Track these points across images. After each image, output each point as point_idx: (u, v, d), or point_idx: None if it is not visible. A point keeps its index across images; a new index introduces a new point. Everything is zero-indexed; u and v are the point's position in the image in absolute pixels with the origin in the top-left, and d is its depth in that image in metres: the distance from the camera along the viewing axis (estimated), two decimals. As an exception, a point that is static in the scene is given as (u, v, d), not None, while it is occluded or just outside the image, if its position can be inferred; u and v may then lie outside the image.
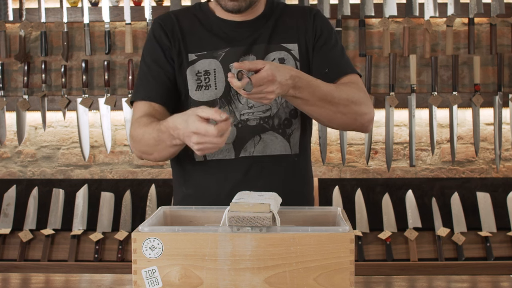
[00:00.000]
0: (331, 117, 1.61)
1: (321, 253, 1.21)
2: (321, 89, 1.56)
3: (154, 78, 1.68)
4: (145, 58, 1.72)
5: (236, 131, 1.67)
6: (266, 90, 1.43)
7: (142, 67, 1.72)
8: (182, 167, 1.76)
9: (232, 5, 1.63)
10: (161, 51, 1.69)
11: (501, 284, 1.42)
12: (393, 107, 3.23)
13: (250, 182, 1.67)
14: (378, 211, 3.16)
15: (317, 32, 1.72)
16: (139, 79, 1.72)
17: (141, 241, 1.22)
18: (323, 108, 1.58)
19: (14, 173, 3.40)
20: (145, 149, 1.62)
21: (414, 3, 3.20)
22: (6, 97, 3.29)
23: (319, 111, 1.59)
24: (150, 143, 1.58)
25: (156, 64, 1.69)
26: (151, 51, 1.71)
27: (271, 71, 1.42)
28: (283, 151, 1.70)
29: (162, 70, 1.68)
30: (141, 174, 3.38)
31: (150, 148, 1.59)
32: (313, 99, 1.55)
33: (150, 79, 1.69)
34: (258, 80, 1.41)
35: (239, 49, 1.68)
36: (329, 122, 1.64)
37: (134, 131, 1.64)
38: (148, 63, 1.71)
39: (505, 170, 3.34)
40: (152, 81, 1.68)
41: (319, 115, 1.61)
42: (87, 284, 1.44)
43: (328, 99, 1.57)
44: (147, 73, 1.70)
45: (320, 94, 1.55)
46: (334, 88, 1.59)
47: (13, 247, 3.14)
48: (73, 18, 3.26)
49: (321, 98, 1.56)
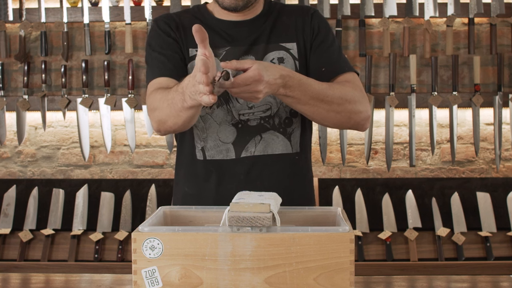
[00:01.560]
0: (324, 115, 1.61)
1: (321, 253, 1.21)
2: (313, 88, 1.56)
3: (168, 60, 1.67)
4: (155, 48, 1.70)
5: (236, 131, 1.67)
6: (253, 89, 1.42)
7: (152, 54, 1.70)
8: (183, 166, 1.76)
9: (229, 2, 1.64)
10: (172, 40, 1.69)
11: (501, 284, 1.42)
12: (393, 107, 3.23)
13: (252, 181, 1.67)
14: (378, 211, 3.16)
15: (315, 31, 1.72)
16: (151, 64, 1.70)
17: (141, 241, 1.22)
18: (316, 107, 1.58)
19: (14, 173, 3.40)
20: (161, 117, 1.58)
21: (414, 3, 3.20)
22: (6, 97, 3.29)
23: (312, 110, 1.58)
24: (165, 108, 1.54)
25: (168, 49, 1.68)
26: (160, 41, 1.70)
27: (258, 71, 1.40)
28: (284, 150, 1.70)
29: (176, 54, 1.67)
30: (141, 174, 3.38)
31: (165, 114, 1.55)
32: (305, 98, 1.55)
33: (164, 60, 1.67)
34: (244, 79, 1.39)
35: (240, 48, 1.68)
36: (323, 121, 1.64)
37: (151, 102, 1.61)
38: (159, 50, 1.69)
39: (505, 170, 3.34)
40: (166, 62, 1.67)
41: (313, 114, 1.60)
42: (87, 284, 1.43)
43: (320, 98, 1.56)
44: (159, 57, 1.68)
45: (312, 93, 1.55)
46: (327, 87, 1.59)
47: (13, 247, 3.14)
48: (73, 18, 3.26)
49: (313, 97, 1.55)
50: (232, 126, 1.67)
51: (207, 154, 1.70)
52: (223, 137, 1.68)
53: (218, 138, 1.68)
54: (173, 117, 1.53)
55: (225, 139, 1.68)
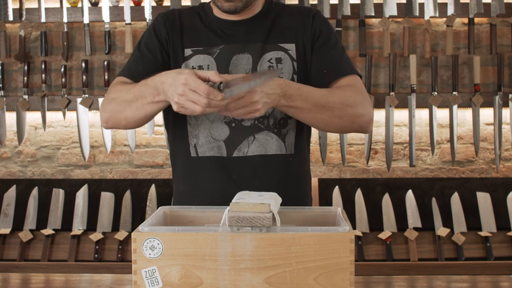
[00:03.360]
0: (327, 122, 1.60)
1: (321, 253, 1.21)
2: (314, 95, 1.55)
3: (142, 62, 1.71)
4: (140, 45, 1.75)
5: (229, 130, 1.67)
6: (248, 101, 1.42)
7: (134, 51, 1.76)
8: (178, 165, 1.76)
9: (228, 6, 1.64)
10: (157, 42, 1.72)
11: (501, 284, 1.42)
12: (393, 107, 3.23)
13: (244, 181, 1.66)
14: (378, 211, 3.16)
15: (316, 32, 1.71)
16: (128, 62, 1.75)
17: (141, 241, 1.22)
18: (319, 114, 1.57)
19: (14, 173, 3.40)
20: (118, 108, 1.60)
21: (414, 3, 3.20)
22: (6, 97, 3.29)
23: (315, 118, 1.58)
24: (128, 99, 1.57)
25: (148, 50, 1.72)
26: (147, 40, 1.74)
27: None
28: (278, 151, 1.69)
29: (152, 57, 1.70)
30: (141, 174, 3.38)
31: (124, 105, 1.58)
32: (308, 106, 1.55)
33: (138, 61, 1.71)
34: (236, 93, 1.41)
35: (234, 46, 1.68)
36: (326, 128, 1.64)
37: (111, 92, 1.64)
38: (141, 49, 1.73)
39: (505, 170, 3.34)
40: (139, 63, 1.71)
41: (316, 122, 1.60)
42: (87, 284, 1.43)
43: (322, 104, 1.56)
44: (137, 56, 1.73)
45: (314, 100, 1.55)
46: (327, 93, 1.59)
47: (13, 247, 3.14)
48: (73, 18, 3.26)
49: (315, 104, 1.55)
50: (225, 124, 1.67)
51: (199, 151, 1.69)
52: (215, 134, 1.68)
53: (210, 135, 1.68)
54: (134, 109, 1.56)
55: (217, 136, 1.68)
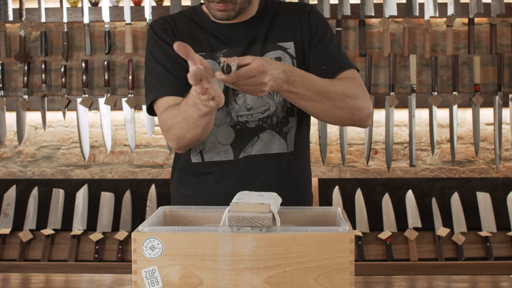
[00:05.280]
0: (327, 111, 1.60)
1: (321, 253, 1.21)
2: (316, 83, 1.55)
3: (172, 75, 1.65)
4: (158, 59, 1.67)
5: (234, 133, 1.67)
6: (258, 81, 1.41)
7: (156, 67, 1.67)
8: (181, 168, 1.76)
9: (221, 15, 1.63)
10: (167, 47, 1.67)
11: (501, 284, 1.42)
12: (393, 107, 3.23)
13: (248, 181, 1.67)
14: (378, 211, 3.16)
15: (313, 29, 1.71)
16: (153, 80, 1.67)
17: (141, 241, 1.22)
18: (319, 103, 1.57)
19: (14, 173, 3.40)
20: (179, 133, 1.57)
21: (414, 3, 3.20)
22: (6, 97, 3.29)
23: (315, 106, 1.58)
24: (181, 123, 1.54)
25: (171, 60, 1.65)
26: (160, 50, 1.68)
27: (262, 62, 1.40)
28: (281, 149, 1.70)
29: (179, 65, 1.64)
30: (141, 174, 3.38)
31: (183, 129, 1.55)
32: (308, 94, 1.55)
33: (168, 76, 1.65)
34: (248, 71, 1.38)
35: (237, 50, 1.67)
36: (325, 117, 1.63)
37: (164, 122, 1.60)
38: (162, 63, 1.66)
39: (505, 170, 3.34)
40: (170, 77, 1.65)
41: (316, 110, 1.60)
42: (87, 284, 1.43)
43: (323, 93, 1.56)
44: (162, 71, 1.65)
45: (315, 88, 1.55)
46: (329, 83, 1.59)
47: (13, 247, 3.14)
48: (73, 18, 3.26)
49: (316, 92, 1.55)
50: (230, 127, 1.67)
51: (206, 156, 1.69)
52: (221, 139, 1.68)
53: (216, 140, 1.68)
54: (191, 129, 1.53)
55: (223, 141, 1.68)
